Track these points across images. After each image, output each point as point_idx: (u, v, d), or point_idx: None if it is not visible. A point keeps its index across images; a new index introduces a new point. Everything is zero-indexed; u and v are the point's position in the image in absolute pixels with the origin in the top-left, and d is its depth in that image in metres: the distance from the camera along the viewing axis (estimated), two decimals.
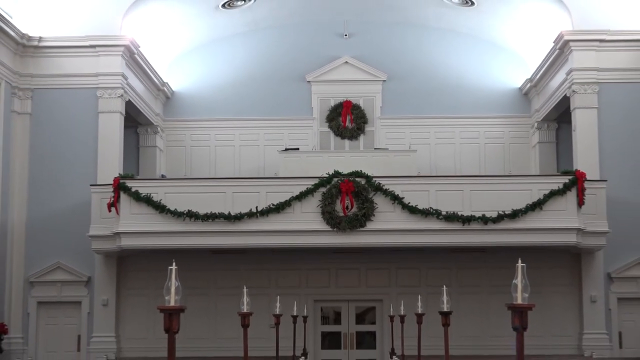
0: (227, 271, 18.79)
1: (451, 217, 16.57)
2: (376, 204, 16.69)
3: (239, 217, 16.63)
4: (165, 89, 21.54)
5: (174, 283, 5.38)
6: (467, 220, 16.56)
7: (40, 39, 18.36)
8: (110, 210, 16.86)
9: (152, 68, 20.35)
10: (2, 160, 17.53)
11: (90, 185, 17.61)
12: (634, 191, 18.10)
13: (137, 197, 16.71)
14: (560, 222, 16.58)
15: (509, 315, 5.57)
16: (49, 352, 18.02)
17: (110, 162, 18.17)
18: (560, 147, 21.07)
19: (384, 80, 21.88)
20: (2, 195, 17.50)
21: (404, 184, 16.95)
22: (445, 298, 9.54)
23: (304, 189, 16.75)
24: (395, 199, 16.68)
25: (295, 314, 15.65)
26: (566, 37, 18.35)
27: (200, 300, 18.46)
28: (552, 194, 16.64)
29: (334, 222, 16.61)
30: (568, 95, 18.69)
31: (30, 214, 18.16)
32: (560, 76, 19.27)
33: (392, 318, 17.02)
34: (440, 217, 16.60)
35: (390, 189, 16.72)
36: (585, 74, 18.39)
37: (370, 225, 16.66)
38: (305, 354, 17.66)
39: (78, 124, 18.38)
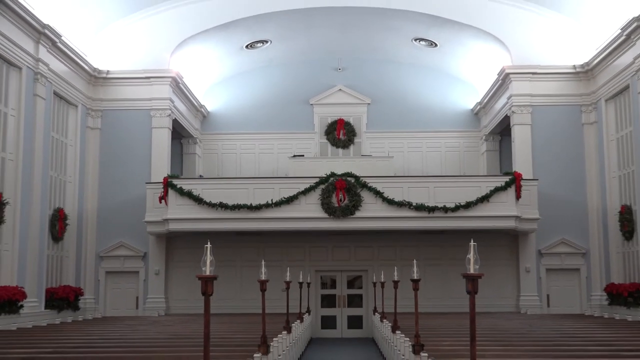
0: (249, 248, 18.78)
1: (420, 207, 16.56)
2: (363, 197, 16.68)
3: (258, 207, 16.63)
4: (203, 109, 21.49)
5: (209, 257, 5.35)
6: (431, 209, 16.54)
7: (107, 72, 18.37)
8: (160, 202, 16.88)
9: (193, 94, 20.31)
10: (79, 164, 17.57)
11: (146, 183, 17.61)
12: (559, 188, 18.12)
13: (181, 192, 16.72)
14: (503, 211, 16.58)
15: (464, 282, 5.55)
16: (114, 309, 18.01)
17: (160, 165, 18.17)
18: (502, 154, 21.02)
19: (369, 104, 21.81)
20: (79, 191, 17.54)
21: (384, 182, 16.93)
22: (415, 269, 9.50)
23: (307, 186, 16.76)
24: (377, 193, 16.66)
25: (301, 281, 15.62)
26: (507, 71, 18.38)
27: (229, 270, 18.47)
28: (496, 190, 16.64)
29: (331, 211, 16.59)
30: (508, 114, 18.67)
31: (100, 205, 18.16)
32: (502, 100, 19.25)
33: (374, 284, 17.02)
34: (412, 207, 16.58)
35: (374, 186, 16.71)
36: (522, 98, 18.39)
37: (358, 214, 16.65)
38: (309, 311, 17.68)
39: (136, 136, 18.38)
